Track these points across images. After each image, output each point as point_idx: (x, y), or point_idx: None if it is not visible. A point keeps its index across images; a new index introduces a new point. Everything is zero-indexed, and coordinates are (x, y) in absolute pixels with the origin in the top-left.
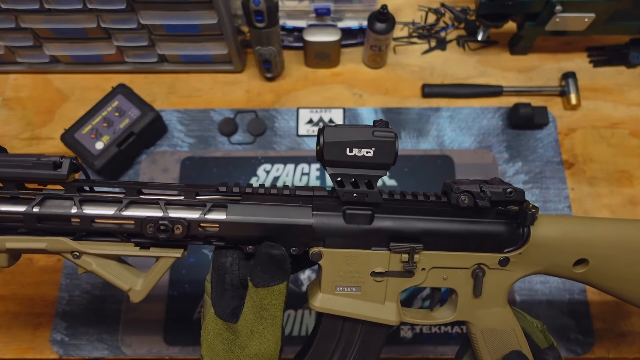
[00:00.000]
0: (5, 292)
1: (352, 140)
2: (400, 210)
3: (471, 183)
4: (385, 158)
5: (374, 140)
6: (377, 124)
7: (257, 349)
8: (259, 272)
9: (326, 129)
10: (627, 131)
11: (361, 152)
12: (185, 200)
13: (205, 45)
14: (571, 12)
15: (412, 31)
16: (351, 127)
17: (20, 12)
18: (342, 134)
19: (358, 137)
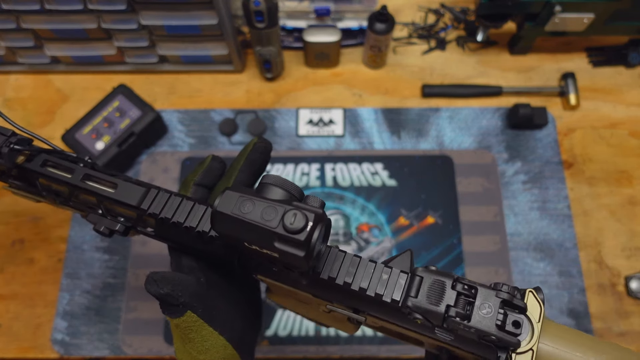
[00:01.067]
0: (6, 292)
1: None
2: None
3: (433, 298)
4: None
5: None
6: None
7: (202, 358)
8: (159, 303)
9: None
10: (627, 131)
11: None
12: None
13: (205, 45)
14: (570, 12)
15: (412, 32)
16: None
17: (21, 13)
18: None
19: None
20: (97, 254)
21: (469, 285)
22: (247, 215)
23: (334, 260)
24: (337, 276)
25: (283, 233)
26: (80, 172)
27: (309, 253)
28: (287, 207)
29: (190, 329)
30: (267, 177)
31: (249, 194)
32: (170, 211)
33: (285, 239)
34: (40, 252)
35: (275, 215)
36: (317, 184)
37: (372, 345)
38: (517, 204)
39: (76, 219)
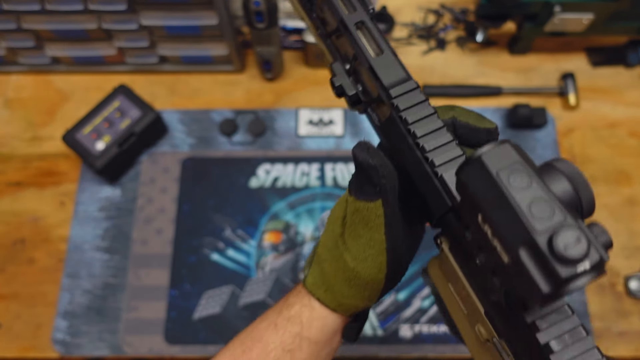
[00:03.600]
0: (7, 292)
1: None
2: None
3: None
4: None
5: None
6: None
7: (353, 265)
8: (353, 176)
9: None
10: (626, 131)
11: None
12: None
13: (205, 45)
14: (570, 13)
15: (411, 32)
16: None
17: (21, 13)
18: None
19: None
20: (98, 253)
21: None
22: (512, 191)
23: (553, 312)
24: (543, 333)
25: (544, 249)
26: (359, 16)
27: (554, 295)
28: (571, 220)
29: (367, 222)
30: (561, 162)
31: (530, 166)
32: (414, 117)
33: (541, 257)
34: (40, 251)
35: (549, 218)
36: (317, 184)
37: (372, 345)
38: None
39: (77, 219)
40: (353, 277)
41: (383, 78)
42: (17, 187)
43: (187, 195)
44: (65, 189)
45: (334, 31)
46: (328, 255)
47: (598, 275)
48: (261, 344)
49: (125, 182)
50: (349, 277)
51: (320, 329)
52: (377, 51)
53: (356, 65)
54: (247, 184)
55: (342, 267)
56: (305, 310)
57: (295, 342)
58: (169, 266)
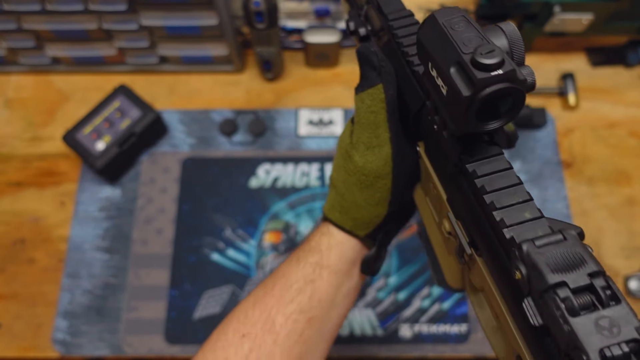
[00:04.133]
0: (7, 292)
1: None
2: None
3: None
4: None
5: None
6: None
7: (361, 161)
8: (360, 79)
9: None
10: (626, 131)
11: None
12: None
13: (205, 46)
14: (570, 13)
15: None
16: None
17: (21, 14)
18: None
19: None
20: (98, 253)
21: (611, 290)
22: (451, 31)
23: (492, 163)
24: (481, 177)
25: (466, 61)
26: None
27: (474, 100)
28: (494, 46)
29: (372, 109)
30: (506, 25)
31: (472, 21)
32: (403, 32)
33: (463, 68)
34: (41, 252)
35: (477, 47)
36: (317, 184)
37: (372, 345)
38: None
39: (77, 219)
40: (362, 175)
41: (385, 8)
42: (17, 187)
43: (187, 195)
44: (66, 189)
45: None
46: (339, 172)
47: (512, 87)
48: (283, 279)
49: (125, 182)
50: (359, 178)
51: (339, 257)
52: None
53: (369, 12)
54: (247, 184)
55: (352, 169)
56: (324, 238)
57: (315, 272)
58: (169, 266)
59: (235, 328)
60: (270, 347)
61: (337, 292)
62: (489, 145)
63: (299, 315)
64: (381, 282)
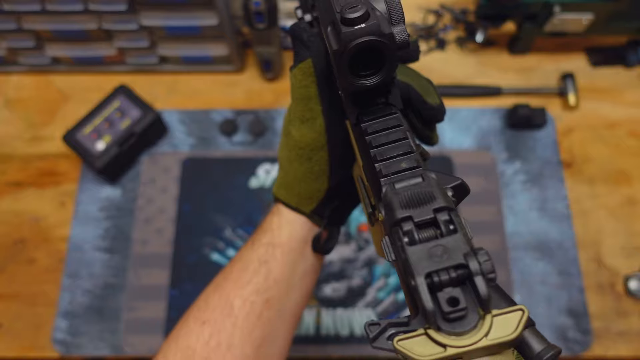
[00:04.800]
0: (7, 292)
1: None
2: None
3: None
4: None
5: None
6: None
7: (298, 134)
8: (294, 54)
9: None
10: (625, 131)
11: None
12: None
13: (205, 46)
14: (569, 13)
15: (411, 32)
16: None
17: (21, 14)
18: None
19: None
20: (98, 253)
21: (453, 223)
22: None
23: (384, 120)
24: (371, 134)
25: (337, 19)
26: None
27: (343, 54)
28: (367, 3)
29: (304, 83)
30: None
31: None
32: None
33: (334, 25)
34: (41, 251)
35: (353, 8)
36: None
37: None
38: (516, 203)
39: (77, 219)
40: (299, 149)
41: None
42: (17, 187)
43: (187, 195)
44: (66, 189)
45: None
46: (282, 150)
47: (376, 40)
48: (240, 263)
49: (125, 182)
50: (297, 152)
51: (289, 234)
52: None
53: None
54: (247, 184)
55: (291, 145)
56: (274, 218)
57: (268, 252)
58: (169, 266)
59: (196, 316)
60: (230, 330)
61: (292, 272)
62: (385, 106)
63: (256, 297)
64: (381, 282)
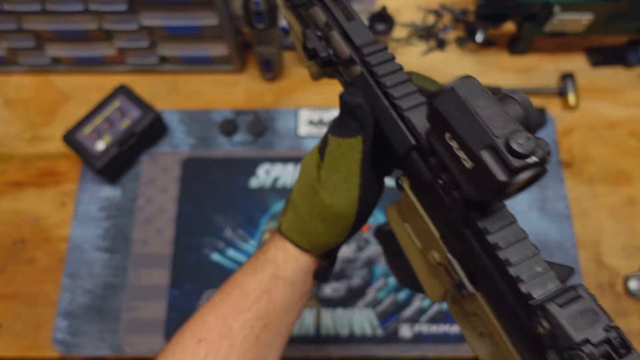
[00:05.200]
0: (7, 292)
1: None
2: None
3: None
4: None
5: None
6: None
7: (329, 200)
8: (337, 119)
9: None
10: (625, 131)
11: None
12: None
13: (205, 46)
14: (569, 13)
15: (411, 32)
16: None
17: (22, 14)
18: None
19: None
20: (98, 253)
21: (623, 341)
22: (476, 108)
23: (499, 218)
24: (492, 233)
25: (500, 146)
26: None
27: (508, 185)
28: (522, 128)
29: (347, 157)
30: (516, 93)
31: (491, 96)
32: (383, 70)
33: (498, 153)
34: (41, 251)
35: (505, 127)
36: None
37: (372, 345)
38: (516, 203)
39: (77, 219)
40: (328, 213)
41: (355, 39)
42: (17, 187)
43: (187, 195)
44: (66, 189)
45: (304, 3)
46: (303, 199)
47: (541, 171)
48: (240, 288)
49: (125, 182)
50: (324, 214)
51: (294, 269)
52: (348, 18)
53: (327, 32)
54: (247, 184)
55: (318, 204)
56: (280, 252)
57: (272, 282)
58: (169, 266)
59: (193, 333)
60: (227, 350)
61: (292, 299)
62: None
63: (256, 321)
64: (381, 282)
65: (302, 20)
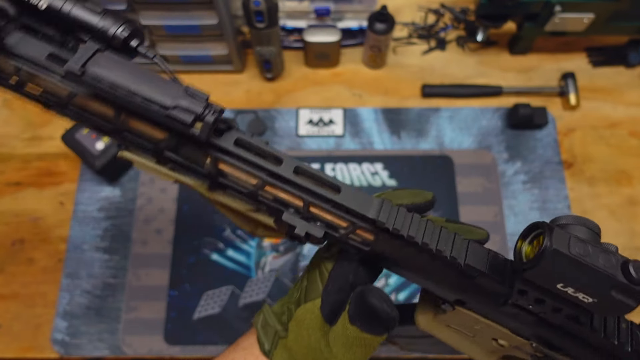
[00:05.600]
0: (6, 292)
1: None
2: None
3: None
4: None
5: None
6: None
7: None
8: (357, 310)
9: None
10: (626, 131)
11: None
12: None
13: (205, 45)
14: (570, 12)
15: (412, 32)
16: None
17: None
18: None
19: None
20: (97, 253)
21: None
22: (587, 259)
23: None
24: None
25: (625, 282)
26: (290, 163)
27: (635, 307)
28: (622, 256)
29: (367, 347)
30: (566, 218)
31: (579, 237)
32: (414, 231)
33: (625, 289)
34: (40, 252)
35: (614, 262)
36: None
37: None
38: (517, 203)
39: (76, 219)
40: None
41: (365, 212)
42: (16, 187)
43: (187, 195)
44: (65, 189)
45: (259, 188)
46: (304, 355)
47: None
48: None
49: (124, 182)
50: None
51: None
52: (334, 190)
53: (309, 209)
54: None
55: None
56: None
57: None
58: (169, 266)
59: None
60: None
61: None
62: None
63: None
64: (381, 282)
65: (272, 208)
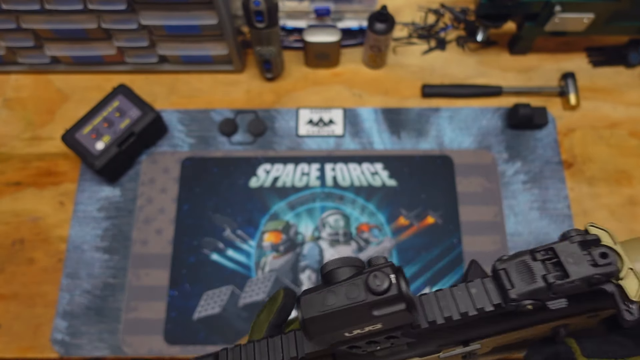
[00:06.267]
0: (6, 292)
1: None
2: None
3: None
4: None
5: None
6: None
7: None
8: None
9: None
10: (626, 131)
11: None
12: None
13: (205, 45)
14: (570, 12)
15: (412, 32)
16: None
17: (21, 13)
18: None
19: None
20: (97, 253)
21: (545, 250)
22: (335, 305)
23: (423, 307)
24: (436, 317)
25: (375, 299)
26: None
27: (409, 302)
28: (363, 276)
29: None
30: (328, 265)
31: (321, 289)
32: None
33: (380, 303)
34: (40, 252)
35: (359, 289)
36: (317, 184)
37: None
38: (517, 203)
39: (76, 219)
40: None
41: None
42: (16, 187)
43: (187, 195)
44: (65, 189)
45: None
46: None
47: (402, 272)
48: None
49: (124, 182)
50: None
51: None
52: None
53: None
54: (247, 184)
55: None
56: None
57: None
58: (169, 266)
59: None
60: None
61: None
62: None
63: None
64: None
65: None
